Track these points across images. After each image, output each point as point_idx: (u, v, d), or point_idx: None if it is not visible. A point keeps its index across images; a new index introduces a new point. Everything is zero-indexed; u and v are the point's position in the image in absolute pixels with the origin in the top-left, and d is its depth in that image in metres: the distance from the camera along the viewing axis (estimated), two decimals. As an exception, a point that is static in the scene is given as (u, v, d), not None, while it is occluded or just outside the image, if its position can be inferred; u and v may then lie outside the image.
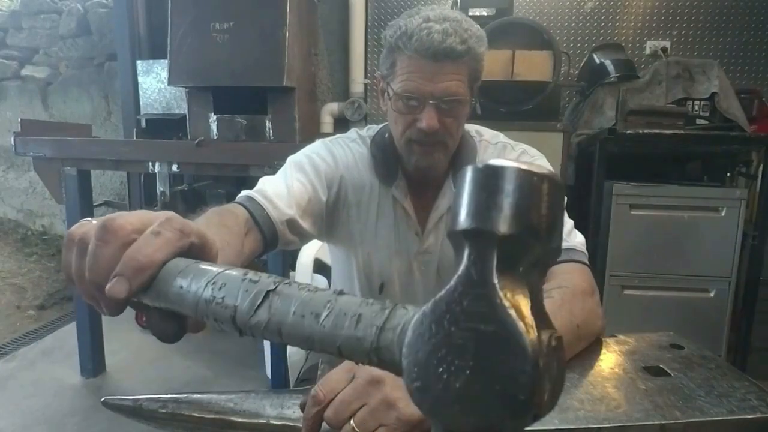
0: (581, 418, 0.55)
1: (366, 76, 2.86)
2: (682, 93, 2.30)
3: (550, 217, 0.27)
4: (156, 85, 2.72)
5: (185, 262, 0.37)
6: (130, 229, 0.38)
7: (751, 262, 2.17)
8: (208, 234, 0.41)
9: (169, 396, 0.58)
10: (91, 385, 2.24)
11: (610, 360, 0.71)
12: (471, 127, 1.06)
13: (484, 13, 2.28)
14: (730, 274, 2.12)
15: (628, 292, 2.15)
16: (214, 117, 2.22)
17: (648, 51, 2.73)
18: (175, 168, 2.04)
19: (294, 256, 1.46)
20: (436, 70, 0.86)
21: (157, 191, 2.13)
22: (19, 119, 2.15)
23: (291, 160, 0.98)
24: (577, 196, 2.40)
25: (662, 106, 2.26)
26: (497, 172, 0.27)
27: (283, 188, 0.89)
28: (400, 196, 1.01)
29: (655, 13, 2.73)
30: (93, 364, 2.28)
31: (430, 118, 0.88)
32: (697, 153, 2.37)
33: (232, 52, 2.10)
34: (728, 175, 2.33)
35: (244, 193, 0.86)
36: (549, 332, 0.26)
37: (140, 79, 2.74)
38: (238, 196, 0.86)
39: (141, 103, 2.75)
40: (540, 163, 0.99)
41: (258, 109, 2.20)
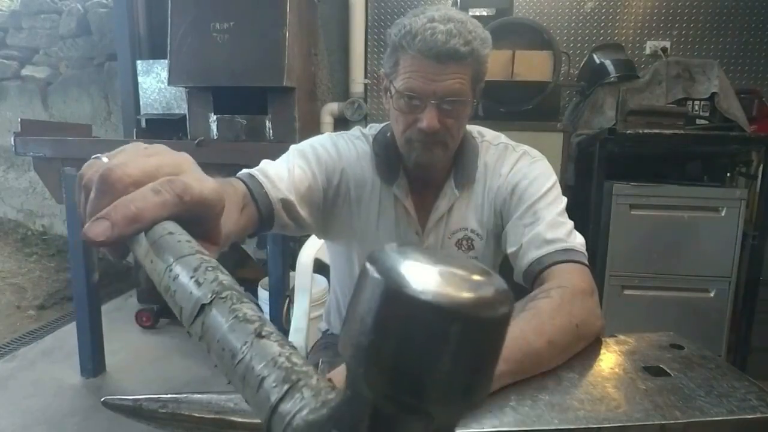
0: (581, 418, 0.55)
1: (366, 76, 2.86)
2: (682, 93, 2.30)
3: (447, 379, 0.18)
4: (156, 85, 2.72)
5: (168, 229, 0.35)
6: (128, 182, 0.37)
7: (751, 262, 2.17)
8: (210, 198, 0.39)
9: (169, 396, 0.58)
10: (91, 385, 2.24)
11: (610, 360, 0.71)
12: (473, 128, 1.06)
13: (484, 13, 2.28)
14: (730, 274, 2.12)
15: (628, 292, 2.15)
16: (214, 117, 2.22)
17: (648, 51, 2.73)
18: (175, 168, 2.04)
19: (294, 256, 1.46)
20: (438, 71, 0.86)
21: (157, 191, 2.13)
22: (19, 119, 2.15)
23: (294, 147, 0.98)
24: (577, 196, 2.40)
25: (662, 106, 2.26)
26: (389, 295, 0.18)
27: (284, 171, 0.90)
28: (401, 195, 1.01)
29: (655, 13, 2.73)
30: (93, 364, 2.28)
31: (430, 119, 0.88)
32: (697, 153, 2.37)
33: (232, 52, 2.10)
34: (728, 175, 2.33)
35: (245, 170, 0.86)
36: None
37: (140, 79, 2.74)
38: (239, 172, 0.86)
39: (141, 103, 2.76)
40: (540, 164, 1.00)
41: (258, 109, 2.20)
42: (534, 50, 2.15)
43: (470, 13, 2.28)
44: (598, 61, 2.51)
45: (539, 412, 0.57)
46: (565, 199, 0.97)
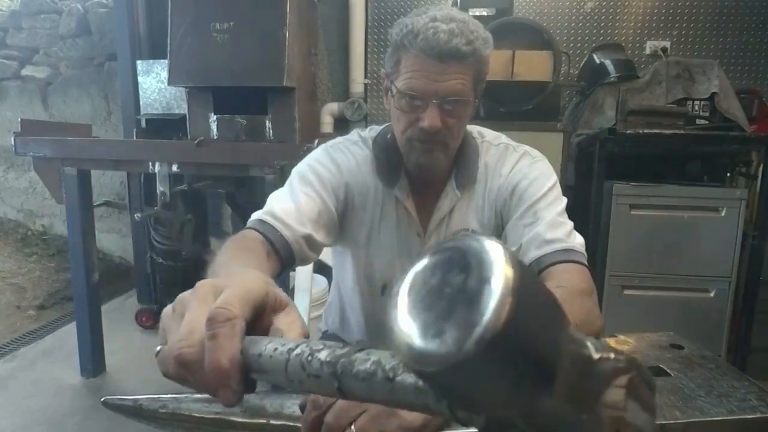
0: (581, 418, 0.55)
1: (366, 76, 2.86)
2: (682, 93, 2.30)
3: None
4: (156, 85, 2.72)
5: (255, 351, 0.36)
6: (192, 357, 0.37)
7: (751, 262, 2.17)
8: (255, 289, 0.40)
9: (169, 396, 0.58)
10: (91, 385, 2.24)
11: (610, 360, 0.71)
12: (473, 129, 1.06)
13: (484, 13, 2.28)
14: (730, 274, 2.12)
15: (628, 292, 2.15)
16: (214, 117, 2.22)
17: (648, 51, 2.73)
18: (175, 168, 2.04)
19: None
20: (440, 70, 0.86)
21: (157, 191, 2.13)
22: (19, 119, 2.15)
23: (295, 173, 0.97)
24: (577, 196, 2.40)
25: (662, 106, 2.26)
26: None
27: (291, 205, 0.89)
28: (402, 197, 1.00)
29: (655, 13, 2.73)
30: (93, 364, 2.28)
31: (432, 118, 0.88)
32: (697, 153, 2.37)
33: (232, 52, 2.10)
34: (728, 175, 2.33)
35: (255, 217, 0.87)
36: None
37: (140, 79, 2.74)
38: (249, 220, 0.87)
39: (141, 103, 2.75)
40: (541, 165, 1.00)
41: (258, 109, 2.20)
42: (534, 50, 2.15)
43: (470, 13, 2.28)
44: (598, 61, 2.51)
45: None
46: (565, 200, 0.97)
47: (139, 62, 2.75)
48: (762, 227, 2.14)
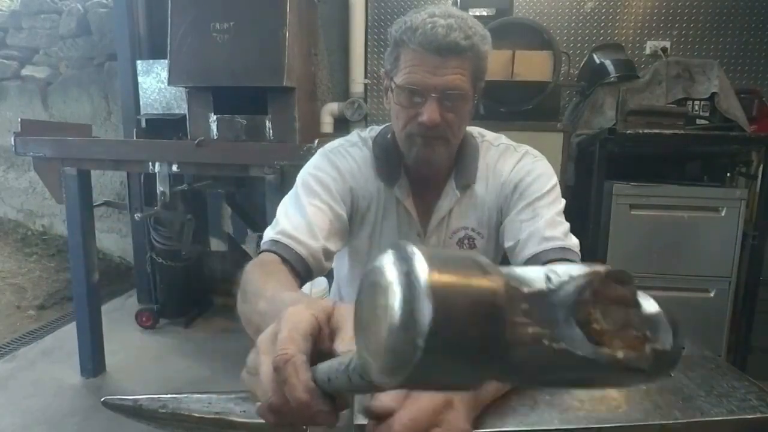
0: (581, 418, 0.55)
1: (366, 76, 2.86)
2: (682, 93, 2.30)
3: None
4: (156, 85, 2.72)
5: (319, 377, 0.39)
6: (278, 401, 0.40)
7: (751, 262, 2.17)
8: (303, 327, 0.42)
9: (169, 396, 0.58)
10: (91, 385, 2.24)
11: (610, 360, 0.70)
12: (473, 129, 1.06)
13: (484, 13, 2.28)
14: (730, 274, 2.12)
15: (628, 292, 2.15)
16: (214, 117, 2.22)
17: (648, 51, 2.73)
18: (175, 168, 2.04)
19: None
20: (439, 64, 0.87)
21: (157, 191, 2.13)
22: (19, 119, 2.15)
23: (300, 183, 0.97)
24: (577, 196, 2.40)
25: (662, 106, 2.26)
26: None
27: (302, 221, 0.89)
28: (403, 196, 1.00)
29: (655, 13, 2.73)
30: (93, 364, 2.28)
31: (431, 112, 0.88)
32: (697, 153, 2.37)
33: (232, 52, 2.10)
34: (728, 175, 2.33)
35: (267, 238, 0.88)
36: None
37: (140, 79, 2.74)
38: (263, 242, 0.88)
39: (141, 103, 2.75)
40: (542, 164, 1.00)
41: (258, 109, 2.20)
42: (534, 50, 2.15)
43: (470, 13, 2.27)
44: (598, 61, 2.51)
45: (540, 412, 0.57)
46: (564, 201, 0.98)
47: (139, 62, 2.75)
48: (762, 227, 2.14)
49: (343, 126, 2.81)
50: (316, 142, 1.86)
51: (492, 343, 0.22)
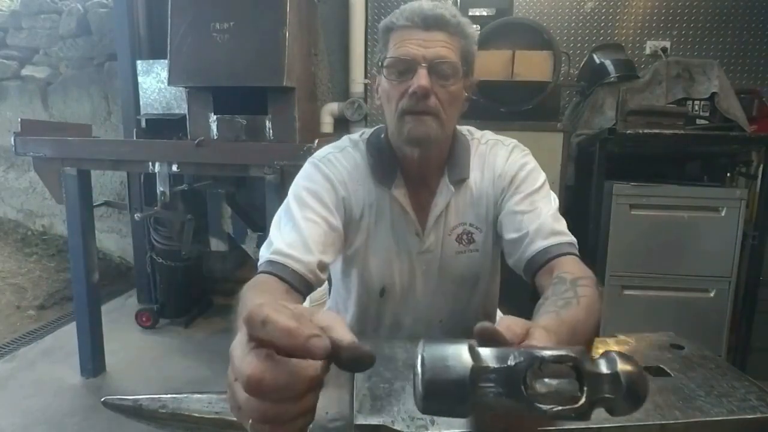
0: (581, 418, 0.55)
1: (366, 76, 2.86)
2: (682, 93, 2.30)
3: None
4: (156, 85, 2.72)
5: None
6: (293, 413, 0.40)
7: (751, 262, 2.17)
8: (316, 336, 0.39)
9: (169, 396, 0.58)
10: (91, 385, 2.24)
11: (610, 360, 0.71)
12: (462, 128, 1.08)
13: (484, 13, 2.28)
14: (730, 274, 2.12)
15: (628, 292, 2.15)
16: (214, 117, 2.22)
17: (648, 51, 2.73)
18: (175, 168, 2.04)
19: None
20: (427, 37, 0.90)
21: (157, 191, 2.13)
22: (19, 119, 2.15)
23: (292, 197, 0.96)
24: (577, 196, 2.40)
25: (662, 106, 2.26)
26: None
27: (296, 237, 0.89)
28: (399, 196, 1.00)
29: (655, 13, 2.73)
30: (93, 364, 2.28)
31: (421, 78, 0.89)
32: (697, 153, 2.37)
33: (232, 52, 2.10)
34: (728, 175, 2.34)
35: (263, 259, 0.87)
36: None
37: (140, 79, 2.74)
38: (259, 263, 0.88)
39: (141, 103, 2.75)
40: (531, 158, 1.03)
41: (258, 109, 2.20)
42: (534, 50, 2.15)
43: (470, 13, 2.28)
44: (598, 61, 2.51)
45: (539, 412, 0.57)
46: (555, 195, 1.01)
47: (139, 62, 2.75)
48: (762, 227, 2.14)
49: (343, 126, 2.81)
50: (316, 142, 1.86)
51: (459, 395, 0.40)
